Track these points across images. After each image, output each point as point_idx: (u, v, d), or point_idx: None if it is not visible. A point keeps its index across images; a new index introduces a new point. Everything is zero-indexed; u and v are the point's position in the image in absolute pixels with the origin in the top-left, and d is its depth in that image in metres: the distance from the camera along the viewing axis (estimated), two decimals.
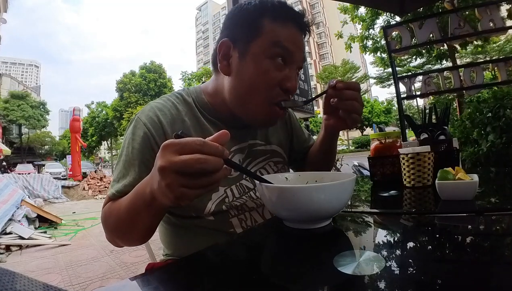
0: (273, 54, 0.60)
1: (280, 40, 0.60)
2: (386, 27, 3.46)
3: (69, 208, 6.41)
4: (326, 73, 31.97)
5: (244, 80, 0.62)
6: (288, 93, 0.63)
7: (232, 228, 0.65)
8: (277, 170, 0.76)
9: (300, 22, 0.63)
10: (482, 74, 2.94)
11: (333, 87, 0.65)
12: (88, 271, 2.58)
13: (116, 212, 0.57)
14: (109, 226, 0.59)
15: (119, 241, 0.60)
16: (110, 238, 0.61)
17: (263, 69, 0.60)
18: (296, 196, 0.46)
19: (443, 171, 0.63)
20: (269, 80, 0.61)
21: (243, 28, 0.62)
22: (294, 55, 0.62)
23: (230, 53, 0.63)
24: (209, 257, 0.45)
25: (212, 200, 0.64)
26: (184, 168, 0.37)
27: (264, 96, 0.62)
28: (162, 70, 30.00)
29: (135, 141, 0.62)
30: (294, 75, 0.63)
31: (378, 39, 6.73)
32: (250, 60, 0.61)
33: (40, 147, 38.68)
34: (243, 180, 0.70)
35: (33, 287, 0.21)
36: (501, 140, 2.45)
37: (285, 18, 0.61)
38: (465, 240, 0.44)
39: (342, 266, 0.33)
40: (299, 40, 0.63)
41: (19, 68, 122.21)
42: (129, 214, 0.52)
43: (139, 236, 0.57)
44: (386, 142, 0.95)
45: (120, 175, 0.61)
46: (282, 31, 0.60)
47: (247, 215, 0.67)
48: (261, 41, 0.60)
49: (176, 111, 0.67)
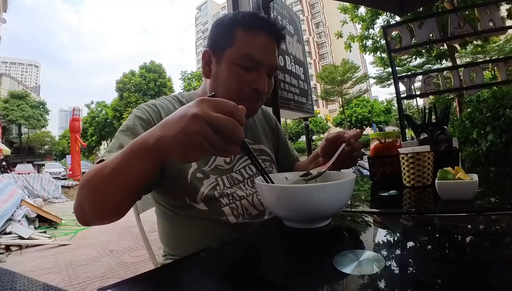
0: (242, 62, 0.68)
1: (248, 52, 0.67)
2: (386, 27, 3.46)
3: (69, 207, 6.40)
4: (326, 73, 31.93)
5: (219, 82, 0.71)
6: (257, 92, 0.70)
7: (225, 216, 0.69)
8: (264, 167, 0.79)
9: (270, 29, 0.70)
10: (482, 74, 2.94)
11: (348, 144, 0.71)
12: (88, 271, 2.57)
13: (99, 167, 0.49)
14: (86, 185, 0.50)
15: (89, 205, 0.50)
16: (80, 201, 0.51)
17: (234, 73, 0.69)
18: (296, 196, 0.46)
19: (442, 170, 0.63)
20: (239, 82, 0.69)
21: (219, 39, 0.71)
22: (262, 62, 0.69)
23: (211, 60, 0.73)
24: (208, 257, 0.45)
25: (204, 186, 0.69)
26: (218, 123, 0.38)
27: (236, 95, 0.69)
28: (162, 70, 30.01)
29: (136, 120, 0.66)
30: (263, 78, 0.69)
31: (378, 38, 6.73)
32: (224, 65, 0.69)
33: (39, 147, 38.67)
34: (233, 172, 0.76)
35: (33, 287, 0.21)
36: (501, 140, 2.45)
37: (255, 26, 0.69)
38: (465, 239, 0.44)
39: (342, 265, 0.33)
40: (269, 46, 0.70)
41: (19, 68, 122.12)
42: (116, 165, 0.46)
43: (117, 194, 0.49)
44: (386, 142, 0.95)
45: (115, 145, 0.60)
46: (252, 41, 0.68)
47: (238, 203, 0.71)
48: (233, 49, 0.68)
49: (172, 107, 0.74)
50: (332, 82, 31.11)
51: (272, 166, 0.85)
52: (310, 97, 4.09)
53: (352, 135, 0.71)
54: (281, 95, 3.18)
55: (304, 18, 52.58)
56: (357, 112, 32.29)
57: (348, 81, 31.39)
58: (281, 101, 3.11)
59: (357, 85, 32.55)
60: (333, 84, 31.42)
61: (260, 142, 0.87)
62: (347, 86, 32.05)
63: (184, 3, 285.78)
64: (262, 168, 0.53)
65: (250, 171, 0.78)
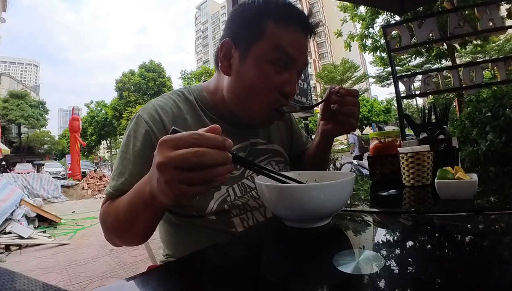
0: (274, 58, 0.59)
1: (282, 45, 0.58)
2: (385, 26, 3.46)
3: (68, 207, 6.40)
4: (326, 72, 31.95)
5: (243, 82, 0.61)
6: (287, 97, 0.63)
7: (234, 227, 0.64)
8: (279, 170, 0.76)
9: (305, 24, 0.62)
10: (482, 74, 2.94)
11: (336, 93, 0.66)
12: (88, 271, 2.58)
13: (114, 211, 0.56)
14: (107, 226, 0.58)
15: (118, 241, 0.60)
16: (109, 238, 0.60)
17: (263, 72, 0.59)
18: (296, 195, 0.46)
19: (442, 170, 0.63)
20: (269, 84, 0.60)
21: (245, 29, 0.61)
22: (296, 60, 0.61)
23: (231, 53, 0.62)
24: (208, 257, 0.45)
25: (214, 199, 0.63)
26: (182, 162, 0.35)
27: (262, 100, 0.62)
28: (161, 69, 29.96)
29: (137, 139, 0.61)
30: (294, 79, 0.62)
31: (377, 38, 6.73)
32: (251, 62, 0.60)
33: (39, 146, 38.59)
34: (244, 179, 0.69)
35: (33, 286, 0.21)
36: (500, 139, 2.45)
37: (289, 20, 0.59)
38: (464, 239, 0.44)
39: (341, 265, 0.33)
40: (302, 43, 0.61)
41: (18, 67, 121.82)
42: (128, 213, 0.52)
43: (138, 236, 0.57)
44: (385, 141, 0.95)
45: (118, 173, 0.61)
46: (284, 35, 0.59)
47: (249, 214, 0.67)
48: (263, 44, 0.59)
49: (177, 109, 0.67)
50: (332, 81, 31.11)
51: (286, 167, 0.80)
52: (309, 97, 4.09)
53: (343, 87, 0.66)
54: None
55: None
56: None
57: (348, 80, 31.41)
58: None
59: (357, 84, 32.56)
60: (333, 84, 31.40)
61: (273, 142, 0.80)
62: (347, 86, 31.96)
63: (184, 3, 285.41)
64: (267, 170, 0.51)
65: None
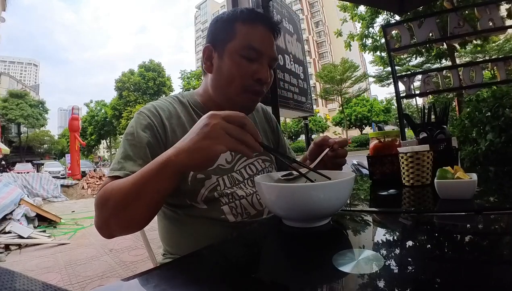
0: (244, 52, 0.71)
1: (250, 43, 0.70)
2: (385, 26, 3.46)
3: (68, 207, 6.40)
4: (325, 72, 31.90)
5: (223, 74, 0.73)
6: (260, 82, 0.73)
7: (224, 214, 0.70)
8: (264, 167, 0.83)
9: (268, 22, 0.73)
10: (481, 74, 2.95)
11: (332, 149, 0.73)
12: (87, 270, 2.57)
13: (120, 185, 0.54)
14: (108, 203, 0.54)
15: (115, 221, 0.55)
16: (104, 220, 0.56)
17: (237, 63, 0.71)
18: (295, 195, 0.46)
19: (442, 170, 0.63)
20: (243, 72, 0.71)
21: (220, 34, 0.74)
22: (263, 53, 0.72)
23: (212, 55, 0.75)
24: (208, 256, 0.45)
25: (205, 187, 0.70)
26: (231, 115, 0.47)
27: (239, 85, 0.72)
28: (161, 68, 29.97)
29: (140, 128, 0.68)
30: (264, 68, 0.72)
31: (377, 38, 6.73)
32: (227, 57, 0.72)
33: (39, 146, 38.60)
34: (233, 172, 0.76)
35: (32, 286, 0.21)
36: (500, 139, 2.45)
37: (254, 19, 0.72)
38: (464, 239, 0.45)
39: (341, 264, 0.33)
40: (268, 37, 0.73)
41: (18, 67, 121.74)
42: (138, 183, 0.51)
43: (142, 210, 0.53)
44: (385, 141, 0.95)
45: (125, 156, 0.64)
46: (252, 32, 0.71)
47: (237, 203, 0.72)
48: (236, 42, 0.71)
49: (173, 108, 0.76)
50: (332, 81, 31.11)
51: (272, 166, 0.85)
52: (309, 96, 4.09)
53: (337, 142, 0.73)
54: (280, 94, 3.18)
55: (303, 17, 52.47)
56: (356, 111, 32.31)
57: (348, 80, 31.40)
58: (281, 100, 3.11)
59: (357, 84, 32.57)
60: (333, 83, 31.41)
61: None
62: (347, 85, 32.06)
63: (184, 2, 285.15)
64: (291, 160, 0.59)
65: (250, 171, 0.79)
